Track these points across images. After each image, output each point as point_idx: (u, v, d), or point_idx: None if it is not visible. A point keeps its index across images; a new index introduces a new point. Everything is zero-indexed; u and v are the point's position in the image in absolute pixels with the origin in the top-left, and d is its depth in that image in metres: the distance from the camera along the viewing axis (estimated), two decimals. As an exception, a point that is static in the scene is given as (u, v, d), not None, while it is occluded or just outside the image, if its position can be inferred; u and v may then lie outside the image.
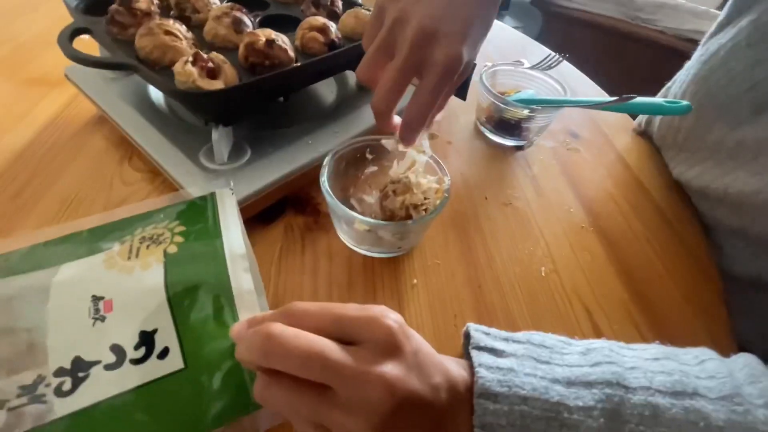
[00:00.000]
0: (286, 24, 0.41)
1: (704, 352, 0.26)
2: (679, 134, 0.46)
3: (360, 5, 0.43)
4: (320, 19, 0.36)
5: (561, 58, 0.50)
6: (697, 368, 0.24)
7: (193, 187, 0.32)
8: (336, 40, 0.36)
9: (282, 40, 0.33)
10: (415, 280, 0.35)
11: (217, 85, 0.29)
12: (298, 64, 0.33)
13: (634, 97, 0.38)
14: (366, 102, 0.44)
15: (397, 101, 0.29)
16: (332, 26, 0.36)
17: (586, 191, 0.47)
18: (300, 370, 0.19)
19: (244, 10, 0.35)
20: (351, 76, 0.47)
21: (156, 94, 0.41)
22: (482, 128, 0.53)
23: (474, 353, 0.24)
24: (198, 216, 0.28)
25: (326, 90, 0.47)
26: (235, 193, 0.32)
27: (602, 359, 0.24)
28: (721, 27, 0.42)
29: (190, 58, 0.28)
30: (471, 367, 0.23)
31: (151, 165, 0.37)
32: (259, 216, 0.37)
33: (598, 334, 0.34)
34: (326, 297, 0.33)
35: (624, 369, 0.23)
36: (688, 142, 0.46)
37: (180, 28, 0.32)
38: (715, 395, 0.22)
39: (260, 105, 0.36)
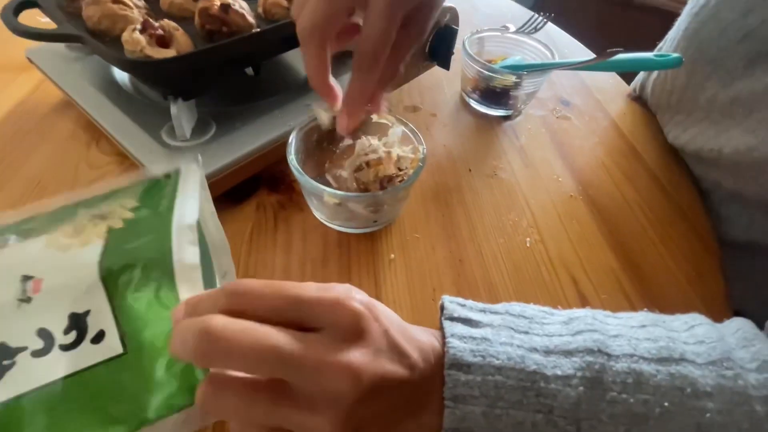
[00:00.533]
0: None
1: (695, 318, 0.25)
2: (673, 96, 0.44)
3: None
4: (283, -16, 0.34)
5: (546, 19, 0.47)
6: (686, 334, 0.23)
7: (156, 165, 0.31)
8: (301, 4, 0.34)
9: (240, 4, 0.31)
10: (392, 255, 0.34)
11: (169, 53, 0.27)
12: (257, 30, 0.31)
13: (619, 52, 0.36)
14: (342, 73, 0.42)
15: (330, 49, 0.26)
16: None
17: (577, 160, 0.45)
18: (250, 368, 0.17)
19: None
20: (326, 48, 0.45)
21: (120, 74, 0.39)
22: (468, 99, 0.50)
23: (446, 324, 0.23)
24: (156, 192, 0.26)
25: (299, 62, 0.44)
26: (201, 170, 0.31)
27: (584, 327, 0.23)
28: None
29: (139, 26, 0.27)
30: (444, 338, 0.22)
31: (118, 148, 0.36)
32: (230, 195, 0.36)
33: (584, 303, 0.32)
34: (299, 275, 0.32)
35: (607, 337, 0.22)
36: (681, 103, 0.43)
37: (130, -4, 0.30)
38: (703, 360, 0.21)
39: (224, 77, 0.34)
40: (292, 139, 0.31)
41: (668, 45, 0.45)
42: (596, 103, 0.53)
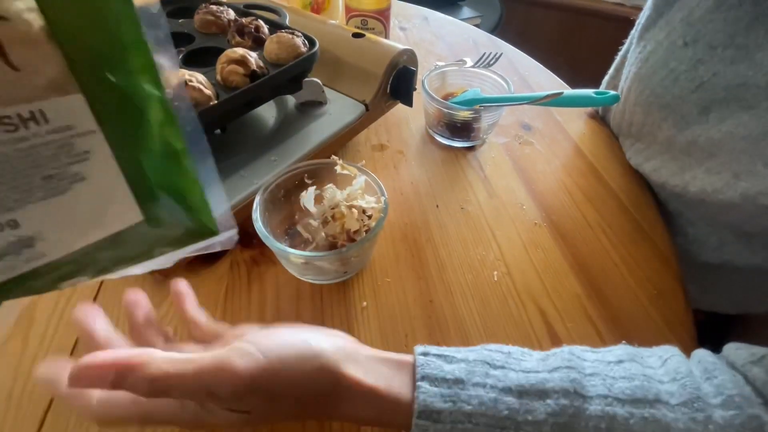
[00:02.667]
0: (215, 55, 0.40)
1: (667, 351, 0.26)
2: (632, 127, 0.46)
3: (287, 28, 0.42)
4: (238, 51, 0.35)
5: (498, 55, 0.50)
6: (661, 370, 0.24)
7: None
8: (258, 70, 0.35)
9: (197, 79, 0.32)
10: (365, 303, 0.35)
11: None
12: (215, 102, 0.32)
13: (562, 93, 0.38)
14: (306, 123, 0.44)
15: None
16: (252, 56, 0.36)
17: (540, 186, 0.46)
18: None
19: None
20: (290, 98, 0.47)
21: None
22: (433, 133, 0.52)
23: (420, 360, 0.23)
24: None
25: (267, 113, 0.46)
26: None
27: (561, 364, 0.24)
28: (653, 21, 0.41)
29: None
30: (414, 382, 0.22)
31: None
32: (203, 255, 0.36)
33: (552, 335, 0.33)
34: (274, 332, 0.33)
35: (583, 375, 0.23)
36: (640, 134, 0.45)
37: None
38: (676, 401, 0.22)
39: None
40: (257, 203, 0.32)
41: (623, 81, 0.46)
42: (557, 125, 0.55)
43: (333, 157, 0.36)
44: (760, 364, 0.23)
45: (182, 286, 0.27)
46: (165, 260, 0.24)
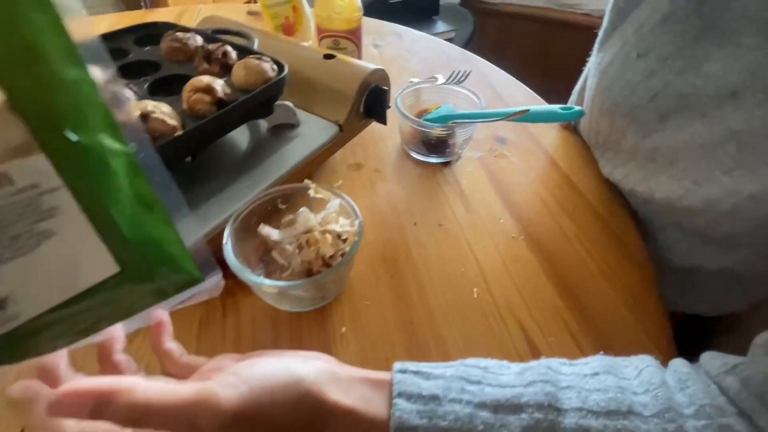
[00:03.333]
0: (183, 83, 0.39)
1: (644, 361, 0.26)
2: (599, 136, 0.47)
3: (255, 53, 0.42)
4: (204, 79, 0.35)
5: (468, 72, 0.51)
6: (636, 381, 0.24)
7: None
8: (224, 97, 0.35)
9: (161, 110, 0.31)
10: (344, 329, 0.34)
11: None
12: (180, 133, 0.31)
13: (528, 110, 0.39)
14: (279, 147, 0.43)
15: None
16: (219, 84, 0.35)
17: (516, 198, 0.47)
18: None
19: (124, 82, 0.34)
20: (263, 122, 0.46)
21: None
22: (408, 150, 0.52)
23: (397, 377, 0.23)
24: None
25: (240, 138, 0.45)
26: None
27: (537, 378, 0.24)
28: (608, 34, 0.42)
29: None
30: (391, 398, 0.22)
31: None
32: (177, 287, 0.35)
33: (534, 350, 0.33)
34: (251, 365, 0.32)
35: (558, 389, 0.23)
36: (608, 143, 0.46)
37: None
38: (649, 412, 0.22)
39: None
40: (227, 234, 0.31)
41: (588, 93, 0.48)
42: (531, 137, 0.56)
43: (306, 181, 0.36)
44: (733, 373, 0.23)
45: (162, 315, 0.26)
46: (149, 315, 0.23)
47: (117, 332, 0.26)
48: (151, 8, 1.57)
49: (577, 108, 0.39)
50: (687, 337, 0.56)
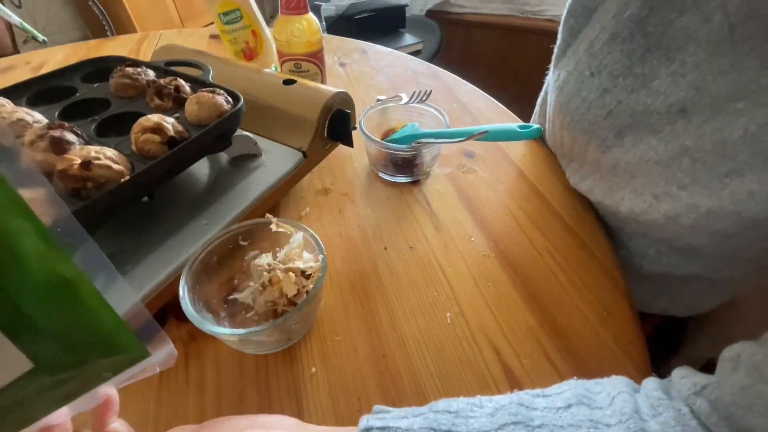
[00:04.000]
0: (134, 120, 0.38)
1: (616, 386, 0.25)
2: (564, 147, 0.47)
3: (210, 85, 0.41)
4: (153, 118, 0.33)
5: (429, 92, 0.51)
6: (609, 411, 0.24)
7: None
8: (176, 135, 0.34)
9: (105, 155, 0.30)
10: (313, 369, 0.33)
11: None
12: (126, 178, 0.30)
13: (487, 132, 0.39)
14: (240, 179, 0.42)
15: None
16: (169, 122, 0.34)
17: (486, 214, 0.47)
18: None
19: (66, 125, 0.32)
20: (223, 154, 0.45)
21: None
22: (376, 171, 0.52)
23: None
24: None
25: (200, 171, 0.44)
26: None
27: (509, 419, 0.23)
28: (563, 51, 0.43)
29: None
30: None
31: None
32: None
33: (508, 374, 0.33)
34: (215, 415, 0.30)
35: (531, 428, 0.23)
36: (573, 155, 0.47)
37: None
38: None
39: (105, 223, 0.32)
40: (183, 280, 0.30)
41: (550, 108, 0.48)
42: (498, 149, 0.56)
43: (267, 215, 0.35)
44: (702, 395, 0.23)
45: (109, 392, 0.24)
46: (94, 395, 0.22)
47: (111, 396, 0.24)
48: (116, 35, 1.54)
49: (535, 126, 0.39)
50: (664, 337, 0.57)
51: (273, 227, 0.34)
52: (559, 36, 0.42)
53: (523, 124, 0.40)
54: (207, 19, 2.24)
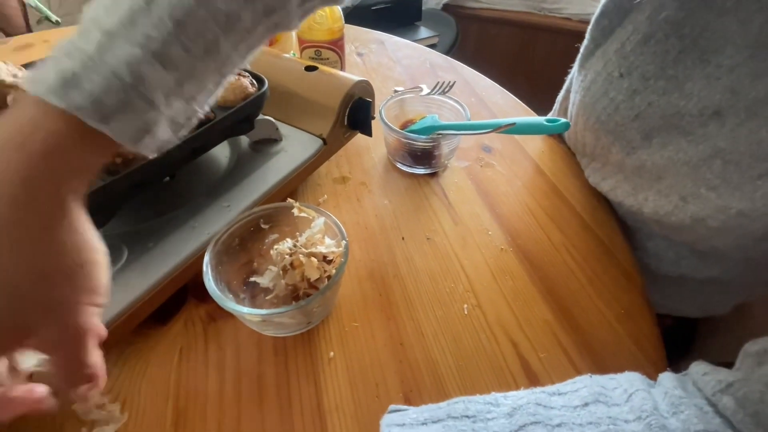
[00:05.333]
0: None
1: (632, 382, 0.25)
2: (586, 147, 0.47)
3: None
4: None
5: (452, 83, 0.50)
6: (626, 407, 0.24)
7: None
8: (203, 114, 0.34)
9: (134, 131, 0.30)
10: (332, 353, 0.33)
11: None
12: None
13: (515, 124, 0.38)
14: (261, 163, 0.42)
15: None
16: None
17: (503, 209, 0.46)
18: None
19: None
20: (244, 137, 0.45)
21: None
22: (394, 162, 0.52)
23: None
24: None
25: (221, 154, 0.44)
26: (111, 305, 0.29)
27: (528, 420, 0.23)
28: (591, 51, 0.42)
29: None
30: None
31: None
32: (156, 314, 0.34)
33: (526, 367, 0.33)
34: (234, 395, 0.30)
35: (551, 427, 0.22)
36: (594, 154, 0.46)
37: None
38: None
39: (130, 200, 0.33)
40: (207, 259, 0.30)
41: (572, 107, 0.48)
42: (516, 145, 0.56)
43: (289, 200, 0.35)
44: (728, 392, 0.23)
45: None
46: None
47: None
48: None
49: (563, 120, 0.39)
50: (675, 338, 0.57)
51: (295, 211, 0.34)
52: (588, 36, 0.42)
53: (550, 118, 0.39)
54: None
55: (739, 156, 0.30)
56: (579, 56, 0.44)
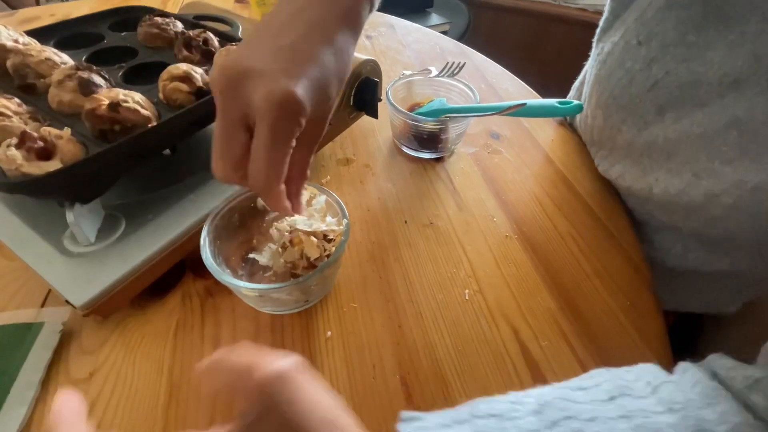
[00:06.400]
0: (160, 71, 0.37)
1: (654, 374, 0.25)
2: (594, 132, 0.46)
3: (238, 40, 0.39)
4: (181, 67, 0.33)
5: (462, 64, 0.49)
6: (654, 400, 0.23)
7: (55, 277, 0.29)
8: (204, 86, 0.33)
9: (134, 99, 0.29)
10: (329, 333, 0.32)
11: (51, 166, 0.25)
12: (154, 123, 0.29)
13: (525, 104, 0.37)
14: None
15: (240, 165, 0.23)
16: (198, 72, 0.33)
17: (510, 196, 0.45)
18: None
19: (94, 68, 0.32)
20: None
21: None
22: (400, 145, 0.51)
23: None
24: (5, 353, 0.27)
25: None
26: (107, 275, 0.29)
27: (559, 416, 0.22)
28: (610, 24, 0.41)
29: (14, 140, 0.25)
30: None
31: (24, 250, 0.33)
32: (153, 286, 0.33)
33: (526, 355, 0.32)
34: (230, 371, 0.30)
35: (584, 422, 0.22)
36: (602, 140, 0.45)
37: (7, 104, 0.28)
38: None
39: (129, 170, 0.32)
40: (205, 233, 0.30)
41: (586, 87, 0.46)
42: (525, 133, 0.55)
43: None
44: (757, 389, 0.22)
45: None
46: None
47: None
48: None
49: (576, 102, 0.38)
50: (680, 335, 0.56)
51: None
52: (607, 8, 0.41)
53: (563, 100, 0.38)
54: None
55: (758, 125, 0.29)
56: (597, 30, 0.43)
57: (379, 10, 0.95)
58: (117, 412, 0.27)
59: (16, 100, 0.29)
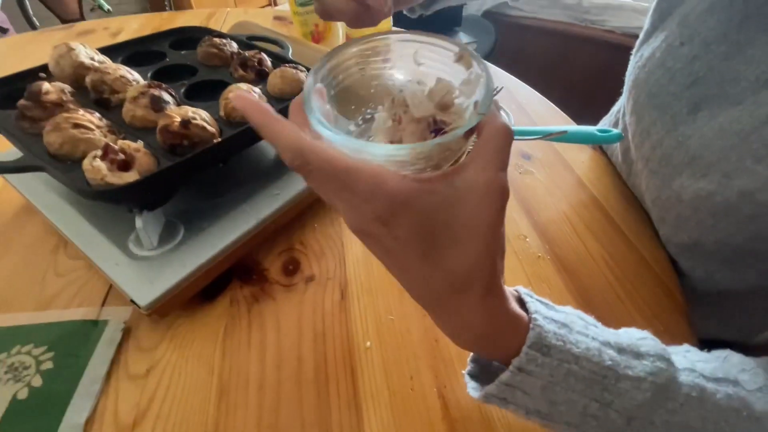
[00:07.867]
0: (217, 88, 0.40)
1: (721, 351, 0.27)
2: (624, 142, 0.46)
3: (291, 62, 0.42)
4: (243, 87, 0.35)
5: (499, 89, 0.50)
6: (731, 359, 0.25)
7: (122, 278, 0.31)
8: (261, 105, 0.35)
9: (201, 116, 0.32)
10: (368, 343, 0.34)
11: (131, 177, 0.27)
12: (218, 139, 0.32)
13: (566, 132, 0.38)
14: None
15: None
16: (256, 91, 0.36)
17: (542, 217, 0.46)
18: None
19: (163, 86, 0.34)
20: (292, 129, 0.47)
21: (87, 175, 0.39)
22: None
23: (528, 300, 0.23)
24: (74, 347, 0.30)
25: (268, 145, 0.46)
26: (168, 278, 0.31)
27: (643, 335, 0.24)
28: (649, 35, 0.42)
29: (99, 152, 0.27)
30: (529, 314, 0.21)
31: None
32: (202, 291, 0.36)
33: (560, 375, 0.33)
34: (274, 377, 0.32)
35: (666, 350, 0.23)
36: (628, 152, 0.46)
37: (91, 118, 0.30)
38: (751, 387, 0.23)
39: (190, 181, 0.34)
40: (309, 90, 0.20)
41: (624, 97, 0.47)
42: (557, 155, 0.56)
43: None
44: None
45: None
46: None
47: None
48: (175, 10, 1.59)
49: (616, 131, 0.38)
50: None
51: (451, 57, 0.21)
52: (647, 21, 0.43)
53: (603, 128, 0.39)
54: (260, 0, 2.30)
55: None
56: (637, 43, 0.44)
57: (408, 29, 0.97)
58: (173, 406, 0.29)
59: (97, 114, 0.32)
